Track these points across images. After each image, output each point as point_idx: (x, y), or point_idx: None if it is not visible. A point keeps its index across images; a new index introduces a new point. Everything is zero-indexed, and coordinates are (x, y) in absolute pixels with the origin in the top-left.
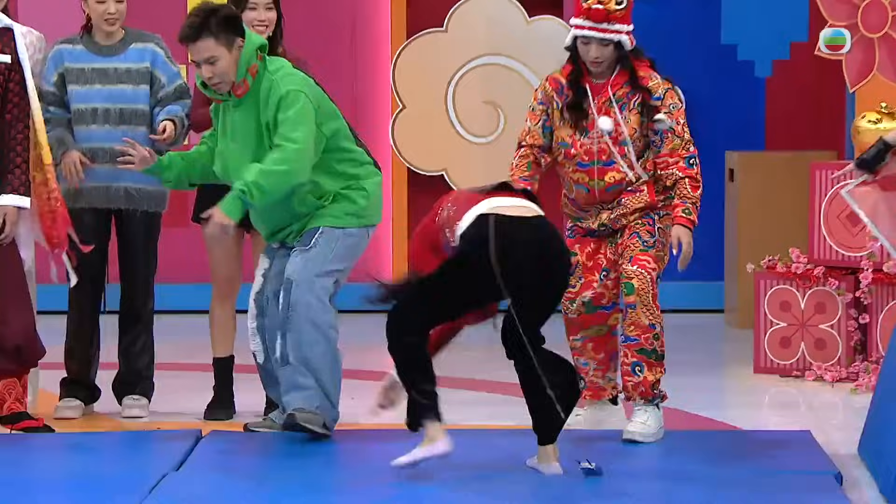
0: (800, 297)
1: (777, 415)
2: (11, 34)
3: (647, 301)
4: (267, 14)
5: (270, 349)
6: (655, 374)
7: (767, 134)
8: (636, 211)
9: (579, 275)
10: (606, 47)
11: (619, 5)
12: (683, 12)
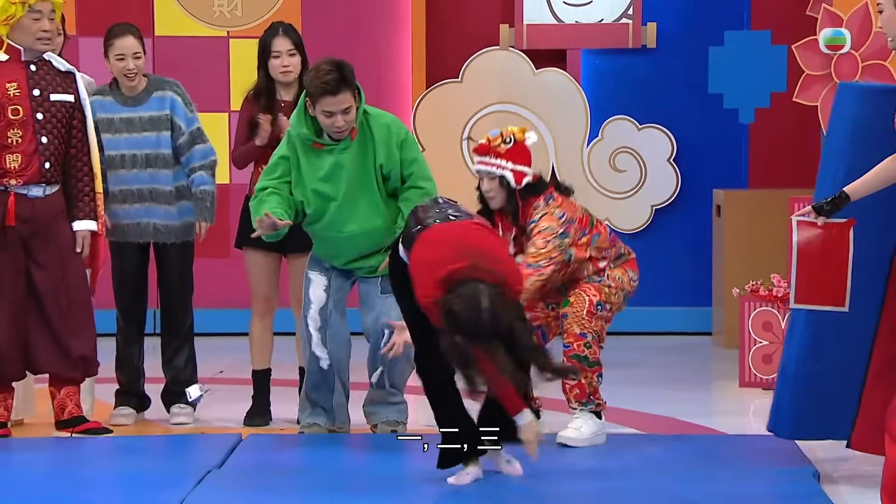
0: (780, 317)
1: (760, 422)
2: (73, 77)
3: (580, 314)
4: (290, 60)
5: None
6: (589, 379)
7: (751, 174)
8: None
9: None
10: (493, 181)
11: (504, 143)
12: (675, 65)
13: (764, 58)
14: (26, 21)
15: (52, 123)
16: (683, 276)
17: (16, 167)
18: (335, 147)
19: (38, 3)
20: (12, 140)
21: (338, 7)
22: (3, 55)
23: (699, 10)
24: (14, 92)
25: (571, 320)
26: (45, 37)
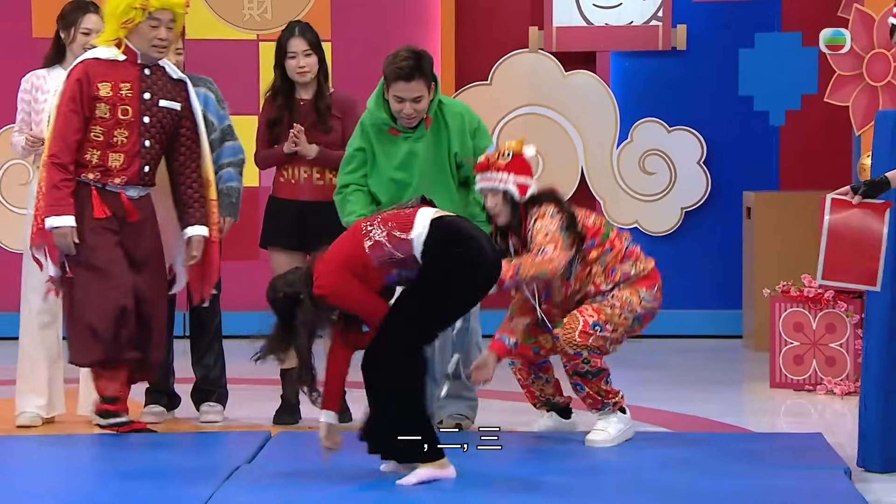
0: (811, 318)
1: (791, 422)
2: (185, 85)
3: (570, 335)
4: (306, 60)
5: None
6: (594, 386)
7: (781, 175)
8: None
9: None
10: (497, 196)
11: (502, 158)
12: (705, 67)
13: (795, 60)
14: (144, 27)
15: (156, 128)
16: (713, 279)
17: (118, 166)
18: (410, 135)
19: (159, 11)
20: (118, 139)
21: (367, 10)
22: (121, 55)
23: (730, 12)
24: (126, 92)
25: (563, 342)
26: (160, 44)
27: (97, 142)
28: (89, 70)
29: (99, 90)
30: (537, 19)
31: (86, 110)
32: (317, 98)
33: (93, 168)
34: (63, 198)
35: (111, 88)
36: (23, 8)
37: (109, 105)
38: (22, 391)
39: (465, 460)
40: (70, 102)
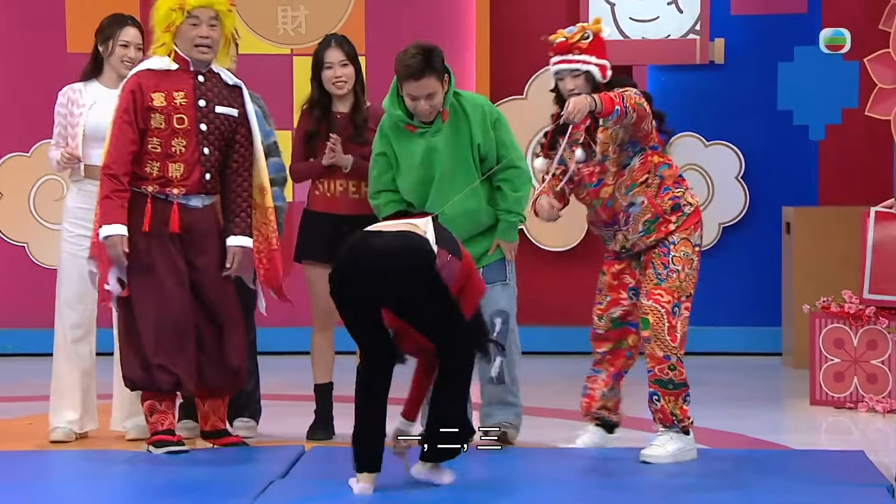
0: (852, 334)
1: (832, 440)
2: (240, 91)
3: (661, 335)
4: (343, 70)
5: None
6: (671, 402)
7: (820, 191)
8: (646, 225)
9: (606, 293)
10: (578, 78)
11: (583, 39)
12: (743, 81)
13: (835, 73)
14: (185, 27)
15: (214, 135)
16: (752, 296)
17: (178, 176)
18: (427, 130)
19: (197, 9)
20: (176, 149)
21: (402, 24)
22: (173, 64)
23: (768, 26)
24: (181, 101)
25: (654, 344)
26: (202, 42)
27: (155, 153)
28: (142, 81)
29: (153, 100)
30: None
31: (140, 121)
32: (354, 111)
33: (153, 180)
34: (114, 208)
35: (165, 98)
36: (57, 23)
37: (164, 115)
38: (55, 407)
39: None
40: (124, 114)
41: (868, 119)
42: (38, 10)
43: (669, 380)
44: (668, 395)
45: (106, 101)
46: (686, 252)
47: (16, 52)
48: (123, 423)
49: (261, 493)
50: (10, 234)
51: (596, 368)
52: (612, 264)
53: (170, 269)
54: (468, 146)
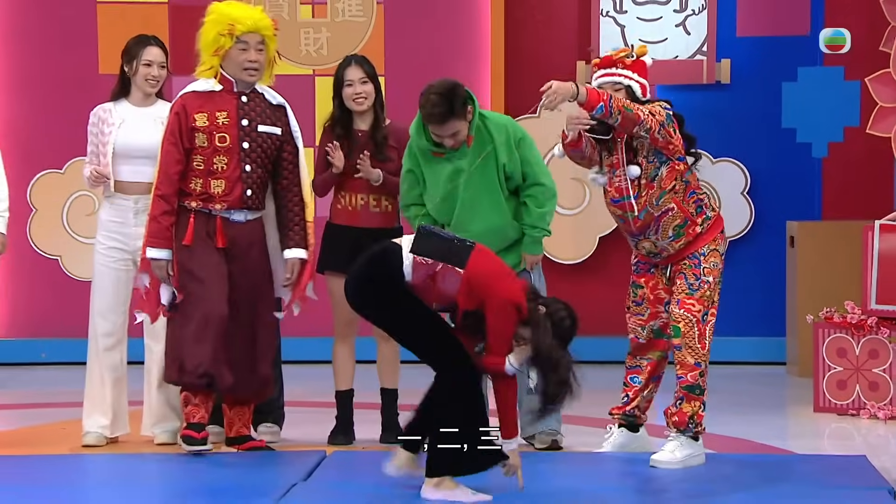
0: (855, 344)
1: (835, 445)
2: (284, 110)
3: (692, 342)
4: (363, 87)
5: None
6: (693, 407)
7: (823, 206)
8: (675, 231)
9: (647, 306)
10: (619, 91)
11: (629, 57)
12: (748, 100)
13: (837, 93)
14: (234, 52)
15: (256, 153)
16: (758, 307)
17: (219, 192)
18: (453, 155)
19: (245, 34)
20: (218, 166)
21: (420, 45)
22: (218, 85)
23: (772, 47)
24: (223, 121)
25: (685, 352)
26: (251, 66)
27: (199, 170)
28: (186, 103)
29: (196, 121)
30: (584, 54)
31: (185, 142)
32: (374, 129)
33: (196, 196)
34: (161, 230)
35: (207, 118)
36: (90, 46)
37: (206, 134)
38: (88, 412)
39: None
40: (170, 136)
41: (869, 137)
42: (72, 33)
43: (697, 384)
44: (693, 401)
45: (134, 119)
46: (715, 262)
47: (50, 74)
48: (153, 428)
49: (284, 495)
50: (45, 248)
51: (635, 376)
52: (648, 278)
53: (212, 278)
54: (493, 167)
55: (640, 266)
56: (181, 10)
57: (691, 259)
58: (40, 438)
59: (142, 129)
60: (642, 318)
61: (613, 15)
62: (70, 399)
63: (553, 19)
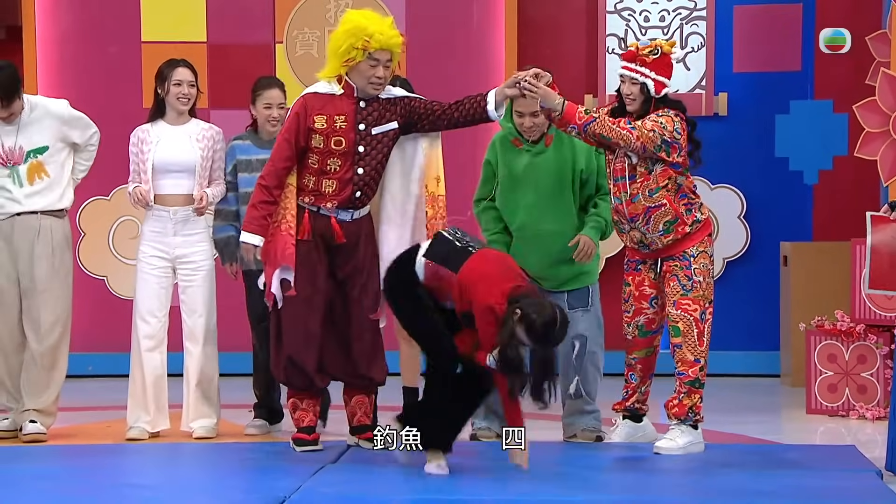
0: (844, 350)
1: (826, 442)
2: (399, 99)
3: (692, 341)
4: None
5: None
6: (692, 399)
7: (814, 228)
8: (665, 226)
9: (631, 303)
10: (635, 85)
11: (651, 53)
12: (746, 131)
13: (826, 125)
14: (364, 66)
15: (371, 155)
16: (753, 323)
17: (330, 192)
18: (532, 149)
19: (378, 51)
20: (331, 167)
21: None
22: (339, 90)
23: (767, 82)
24: (341, 124)
25: (686, 350)
26: (377, 82)
27: (313, 168)
28: (308, 104)
29: (314, 122)
30: (591, 87)
31: (301, 140)
32: None
33: (308, 192)
34: (257, 218)
35: (326, 121)
36: (135, 82)
37: (323, 136)
38: (131, 409)
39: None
40: (286, 133)
41: (856, 164)
42: (118, 70)
43: (697, 379)
44: (693, 393)
45: (170, 137)
46: (704, 263)
47: (97, 108)
48: (191, 423)
49: (313, 474)
50: (92, 269)
51: (632, 374)
52: (633, 275)
53: (312, 275)
54: (570, 170)
55: (629, 264)
56: (219, 48)
57: (681, 260)
58: (86, 433)
59: (178, 146)
60: (628, 314)
61: (619, 52)
62: (115, 404)
63: (561, 55)
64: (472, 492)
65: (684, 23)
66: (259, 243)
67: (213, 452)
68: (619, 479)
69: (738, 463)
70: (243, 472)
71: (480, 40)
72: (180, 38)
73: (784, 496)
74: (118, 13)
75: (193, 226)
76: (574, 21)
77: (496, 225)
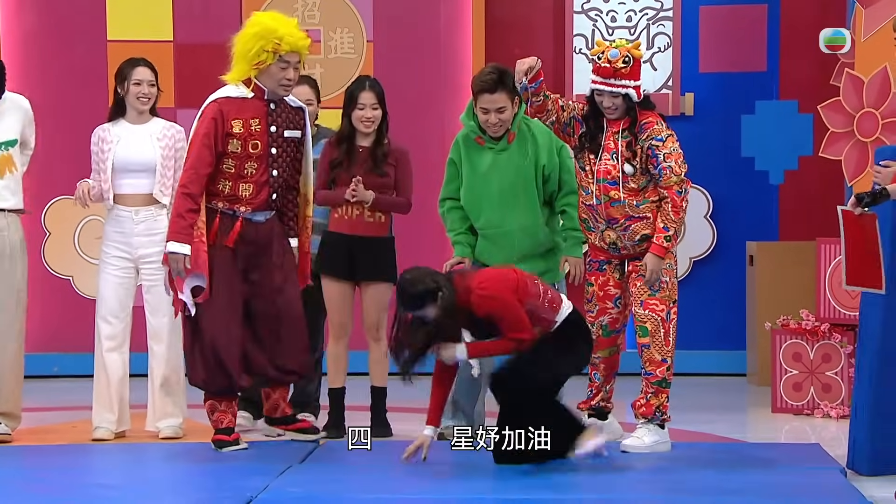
0: (809, 349)
1: (791, 440)
2: (302, 112)
3: (659, 340)
4: (373, 112)
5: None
6: (660, 398)
7: (780, 227)
8: (643, 237)
9: (595, 303)
10: (616, 98)
11: (625, 64)
12: (710, 131)
13: (791, 125)
14: (274, 68)
15: (282, 157)
16: (719, 322)
17: (247, 195)
18: (494, 146)
19: (288, 54)
20: (248, 171)
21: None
22: (250, 93)
23: (732, 82)
24: (255, 128)
25: (653, 349)
26: (287, 84)
27: (229, 173)
28: (223, 108)
29: (232, 127)
30: (559, 87)
31: (219, 146)
32: (375, 146)
33: (224, 197)
34: (184, 227)
35: (243, 125)
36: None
37: (241, 140)
38: (96, 409)
39: None
40: (204, 138)
41: (821, 165)
42: (84, 69)
43: (664, 378)
44: (661, 393)
45: (130, 136)
46: (669, 263)
47: (64, 107)
48: (157, 423)
49: (280, 474)
50: (57, 268)
51: (595, 373)
52: (597, 276)
53: (229, 279)
54: (533, 166)
55: (592, 264)
56: (185, 48)
57: None
58: (52, 434)
59: (138, 146)
60: (591, 314)
61: (585, 52)
62: (81, 404)
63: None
64: (438, 490)
65: (651, 23)
66: (188, 252)
67: (179, 452)
68: (586, 478)
69: (705, 461)
70: (210, 471)
71: (448, 40)
72: (147, 37)
73: (750, 493)
74: (84, 12)
75: (155, 225)
76: (541, 21)
77: (462, 224)
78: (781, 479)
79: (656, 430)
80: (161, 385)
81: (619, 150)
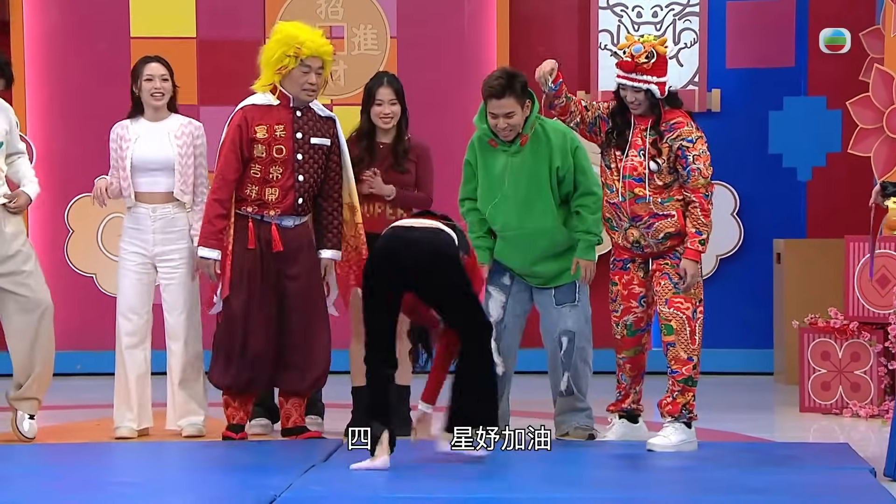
0: (838, 347)
1: (819, 439)
2: (333, 122)
3: (685, 339)
4: (391, 108)
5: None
6: (686, 397)
7: (808, 225)
8: (666, 235)
9: (620, 302)
10: (639, 93)
11: (647, 59)
12: (737, 127)
13: (820, 121)
14: (297, 73)
15: (308, 163)
16: (746, 320)
17: (273, 199)
18: (508, 149)
19: (310, 58)
20: (273, 176)
21: (430, 76)
22: (275, 100)
23: (760, 78)
24: (280, 133)
25: (679, 348)
26: (310, 88)
27: (255, 178)
28: (247, 115)
29: (256, 133)
30: (584, 84)
31: (245, 152)
32: (395, 142)
33: (252, 202)
34: (214, 233)
35: (267, 131)
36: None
37: (265, 146)
38: (118, 407)
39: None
40: (230, 145)
41: (849, 161)
42: (107, 66)
43: (690, 377)
44: (687, 391)
45: (149, 134)
46: None
47: (87, 105)
48: (179, 422)
49: (306, 471)
50: (80, 266)
51: (622, 374)
52: (621, 275)
53: (258, 281)
54: (547, 168)
55: (616, 263)
56: (208, 44)
57: (672, 258)
58: (76, 432)
59: (156, 144)
60: (616, 314)
61: (611, 48)
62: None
63: (554, 52)
64: (462, 490)
65: (677, 18)
66: (218, 257)
67: (202, 450)
68: (612, 476)
69: (731, 460)
70: (233, 470)
71: (471, 36)
72: (169, 33)
73: (777, 493)
74: (107, 9)
75: (173, 223)
76: (566, 17)
77: (480, 227)
78: (809, 478)
79: (683, 429)
80: (179, 383)
81: (646, 146)
